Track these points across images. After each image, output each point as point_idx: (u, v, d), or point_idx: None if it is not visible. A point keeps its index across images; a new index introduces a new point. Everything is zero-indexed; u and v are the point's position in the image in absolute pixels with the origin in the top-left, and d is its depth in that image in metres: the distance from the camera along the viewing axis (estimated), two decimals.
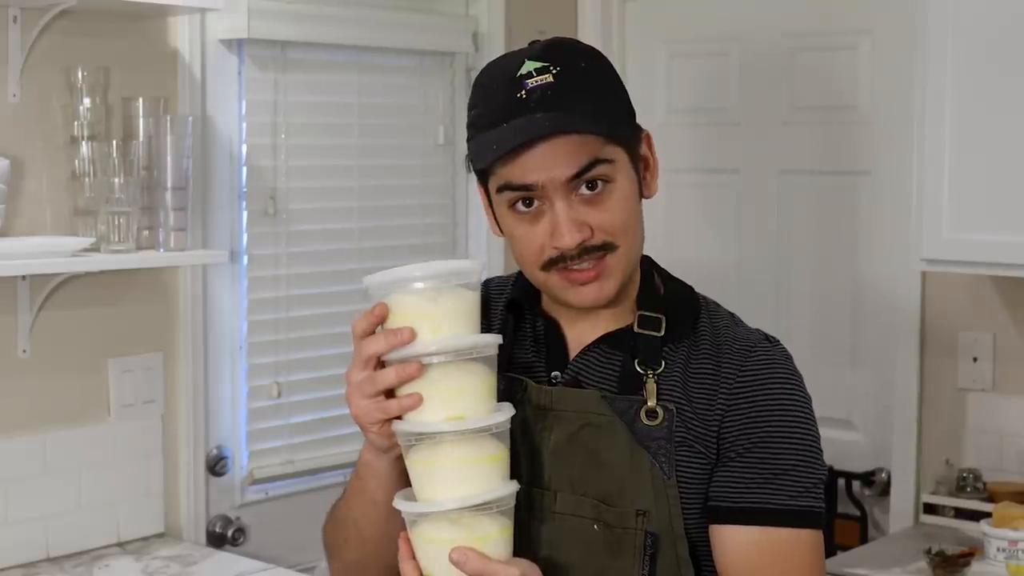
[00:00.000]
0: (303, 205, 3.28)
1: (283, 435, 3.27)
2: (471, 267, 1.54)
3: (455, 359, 1.49)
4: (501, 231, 1.66)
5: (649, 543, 1.57)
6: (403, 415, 1.51)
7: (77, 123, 2.74)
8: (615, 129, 1.58)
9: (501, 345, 1.57)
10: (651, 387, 1.60)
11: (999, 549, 2.83)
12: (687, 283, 1.71)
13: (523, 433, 1.60)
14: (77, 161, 2.74)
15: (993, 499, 3.05)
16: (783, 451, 1.58)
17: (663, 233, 3.69)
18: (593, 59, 1.62)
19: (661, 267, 1.71)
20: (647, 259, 1.69)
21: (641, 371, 1.61)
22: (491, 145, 1.56)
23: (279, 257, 3.24)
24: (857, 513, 3.40)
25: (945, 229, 2.91)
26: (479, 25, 3.60)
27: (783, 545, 1.57)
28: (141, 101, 2.82)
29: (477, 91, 1.65)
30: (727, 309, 1.70)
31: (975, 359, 3.21)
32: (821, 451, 1.62)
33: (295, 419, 3.29)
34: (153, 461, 2.97)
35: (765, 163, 3.62)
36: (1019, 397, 3.17)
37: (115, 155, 2.72)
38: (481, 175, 1.63)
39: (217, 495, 3.13)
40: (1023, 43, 2.80)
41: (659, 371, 1.61)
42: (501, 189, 1.59)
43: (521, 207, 1.58)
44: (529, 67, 1.58)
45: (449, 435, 1.48)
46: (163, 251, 2.80)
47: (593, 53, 1.63)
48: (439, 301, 1.50)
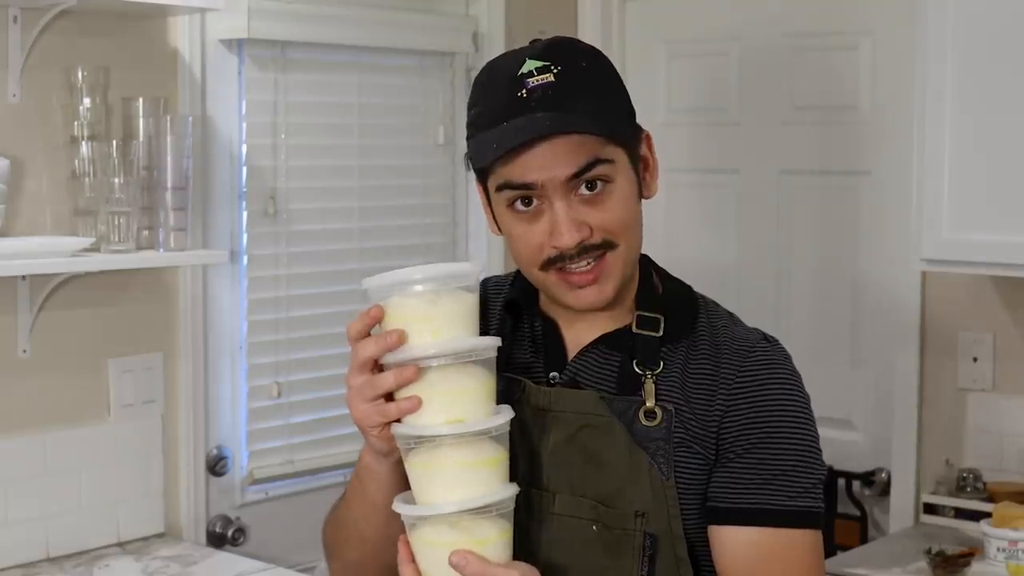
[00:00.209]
0: (303, 205, 3.28)
1: (283, 435, 3.27)
2: (470, 269, 1.54)
3: (454, 362, 1.49)
4: (500, 230, 1.65)
5: (648, 544, 1.57)
6: (402, 418, 1.51)
7: (77, 123, 2.74)
8: (615, 129, 1.58)
9: (499, 347, 1.57)
10: (649, 388, 1.60)
11: (999, 549, 2.83)
12: (686, 283, 1.71)
13: (521, 434, 1.60)
14: (77, 161, 2.74)
15: (993, 499, 3.05)
16: (782, 452, 1.58)
17: (663, 233, 3.69)
18: (594, 59, 1.62)
19: (659, 266, 1.71)
20: (645, 259, 1.69)
21: (639, 372, 1.61)
22: (491, 144, 1.56)
23: (279, 257, 3.24)
24: (857, 513, 3.40)
25: (945, 229, 2.91)
26: (479, 25, 3.60)
27: (782, 546, 1.57)
28: (141, 101, 2.82)
29: (477, 90, 1.65)
30: (726, 308, 1.70)
31: (975, 359, 3.22)
32: (820, 451, 1.62)
33: (295, 419, 3.29)
34: (153, 461, 2.97)
35: (765, 163, 3.62)
36: (1019, 397, 3.17)
37: (115, 155, 2.72)
38: (480, 174, 1.63)
39: (217, 495, 3.13)
40: (1022, 43, 2.80)
41: (657, 371, 1.61)
42: (500, 188, 1.59)
43: (520, 206, 1.58)
44: (530, 66, 1.57)
45: (448, 438, 1.48)
46: (163, 251, 2.80)
47: (594, 53, 1.63)
48: (438, 304, 1.50)
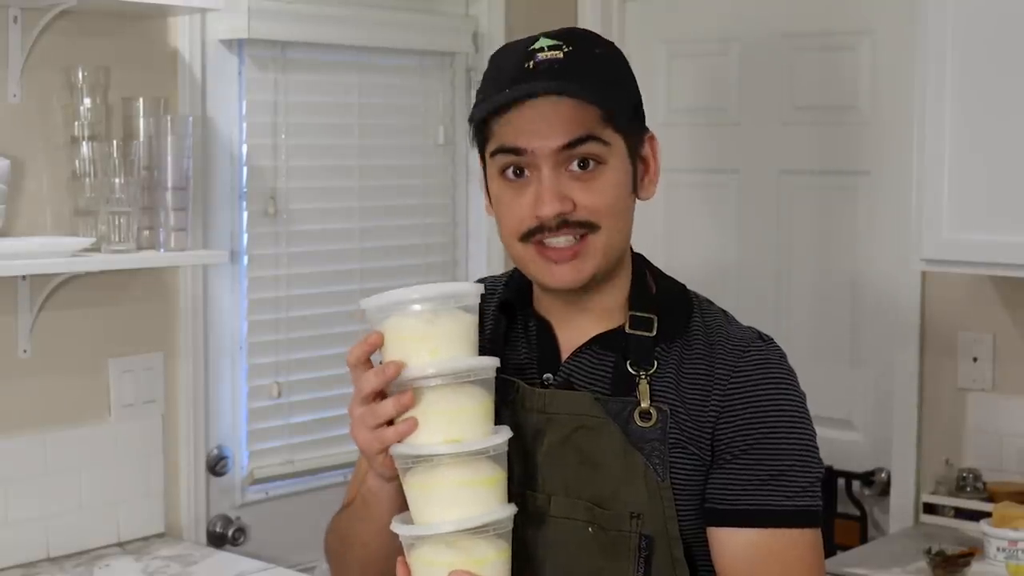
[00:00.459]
0: (303, 205, 3.28)
1: (283, 435, 3.27)
2: (468, 289, 1.54)
3: (452, 382, 1.49)
4: (490, 203, 1.66)
5: (644, 545, 1.57)
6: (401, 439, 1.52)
7: (77, 123, 2.74)
8: (614, 110, 1.58)
9: (492, 344, 1.57)
10: (644, 388, 1.59)
11: (999, 549, 2.83)
12: (679, 281, 1.70)
13: (516, 436, 1.59)
14: (77, 161, 2.74)
15: (993, 499, 3.05)
16: (779, 452, 1.58)
17: (663, 233, 3.70)
18: (608, 48, 1.64)
19: (654, 266, 1.70)
20: (640, 258, 1.69)
21: (633, 372, 1.60)
22: (485, 105, 1.58)
23: (279, 257, 3.24)
24: (857, 513, 3.40)
25: (945, 229, 2.91)
26: (479, 25, 3.60)
27: (782, 546, 1.57)
28: (141, 101, 2.82)
29: (490, 65, 1.66)
30: (720, 307, 1.69)
31: (975, 359, 3.22)
32: (817, 448, 1.62)
33: (295, 419, 3.29)
34: (153, 461, 2.98)
35: (765, 163, 3.62)
36: (1019, 397, 3.17)
37: (115, 155, 2.72)
38: (481, 142, 1.63)
39: (217, 495, 3.13)
40: (1021, 43, 2.81)
41: (651, 371, 1.60)
42: (494, 153, 1.59)
43: (511, 175, 1.59)
44: (543, 43, 1.59)
45: (446, 458, 1.48)
46: (163, 251, 2.80)
47: (610, 44, 1.65)
48: (436, 323, 1.50)
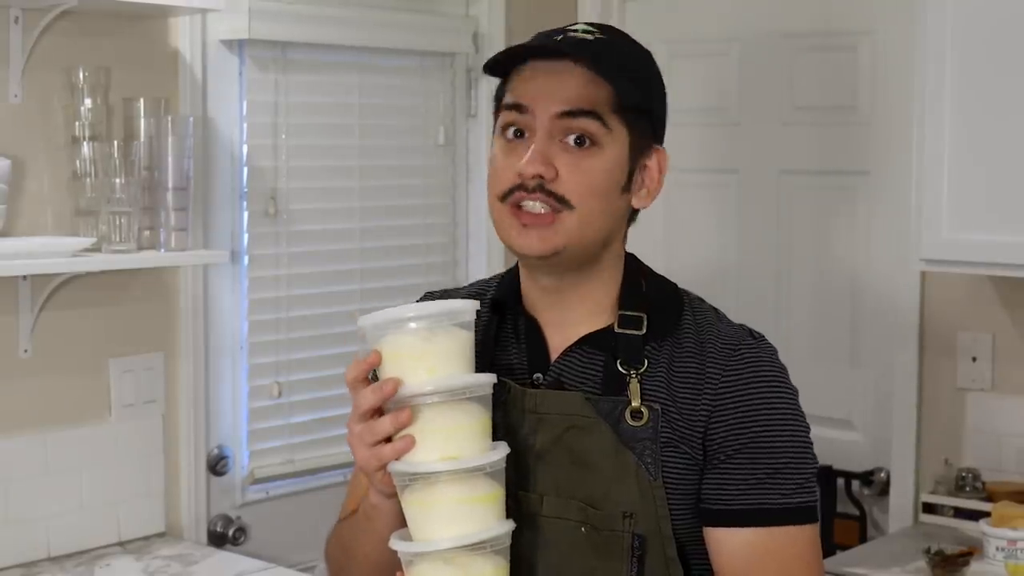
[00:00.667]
0: (304, 205, 3.29)
1: (284, 435, 3.28)
2: (465, 307, 1.54)
3: (450, 399, 1.50)
4: None
5: (637, 545, 1.57)
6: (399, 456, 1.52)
7: (78, 123, 2.74)
8: (625, 95, 1.59)
9: (482, 341, 1.58)
10: (635, 387, 1.59)
11: (998, 548, 2.84)
12: (670, 280, 1.70)
13: (508, 437, 1.60)
14: (78, 161, 2.74)
15: (992, 499, 3.05)
16: (774, 450, 1.58)
17: (663, 233, 3.70)
18: (639, 51, 1.65)
19: (644, 265, 1.70)
20: (631, 258, 1.69)
21: (624, 371, 1.60)
22: (505, 52, 1.61)
23: (280, 257, 3.25)
24: (856, 512, 3.40)
25: (944, 229, 2.92)
26: (479, 26, 3.61)
27: (780, 543, 1.58)
28: (142, 101, 2.82)
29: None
30: (710, 305, 1.69)
31: (974, 359, 3.22)
32: (811, 443, 1.62)
33: (296, 419, 3.29)
34: (154, 461, 2.98)
35: (765, 163, 3.62)
36: (1018, 397, 3.17)
37: (116, 155, 2.73)
38: (496, 107, 1.65)
39: (218, 494, 3.13)
40: (1021, 44, 2.81)
41: (642, 370, 1.60)
42: (502, 108, 1.62)
43: (511, 134, 1.60)
44: (579, 26, 1.62)
45: (444, 475, 1.49)
46: (164, 251, 2.80)
47: (645, 52, 1.66)
48: (433, 341, 1.50)
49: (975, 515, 3.02)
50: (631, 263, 1.68)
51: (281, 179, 3.23)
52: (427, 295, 1.81)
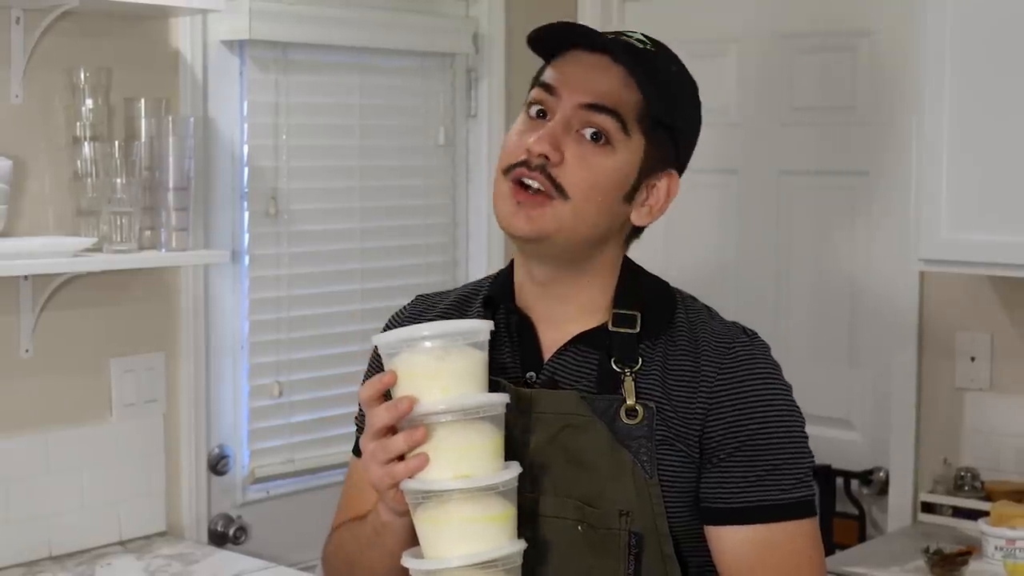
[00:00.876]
0: (304, 205, 3.29)
1: (284, 434, 3.28)
2: (479, 326, 1.55)
3: (463, 418, 1.50)
4: None
5: (633, 543, 1.58)
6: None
7: (79, 124, 2.75)
8: (653, 111, 1.60)
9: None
10: (629, 385, 1.60)
11: (997, 548, 2.84)
12: (662, 279, 1.70)
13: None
14: (79, 162, 2.74)
15: (991, 498, 3.06)
16: (772, 447, 1.59)
17: (663, 233, 3.70)
18: (686, 78, 1.66)
19: (637, 265, 1.70)
20: (626, 260, 1.69)
21: (618, 369, 1.61)
22: (547, 26, 1.62)
23: (280, 257, 3.25)
24: (855, 512, 3.40)
25: (943, 229, 2.92)
26: (479, 26, 3.61)
27: (781, 539, 1.59)
28: (143, 102, 2.83)
29: None
30: (702, 303, 1.70)
31: (973, 359, 3.23)
32: (807, 438, 1.63)
33: (296, 418, 3.30)
34: (155, 460, 2.98)
35: (764, 163, 3.63)
36: (1016, 397, 3.18)
37: (117, 156, 2.73)
38: (532, 83, 1.66)
39: (218, 494, 3.14)
40: (1020, 44, 2.82)
41: (636, 368, 1.60)
42: (535, 84, 1.64)
43: (534, 112, 1.62)
44: (633, 32, 1.64)
45: (456, 493, 1.49)
46: (165, 251, 2.81)
47: (690, 80, 1.67)
48: (447, 360, 1.51)
49: (974, 514, 3.03)
50: (626, 265, 1.68)
51: (282, 179, 3.24)
52: (419, 297, 1.81)
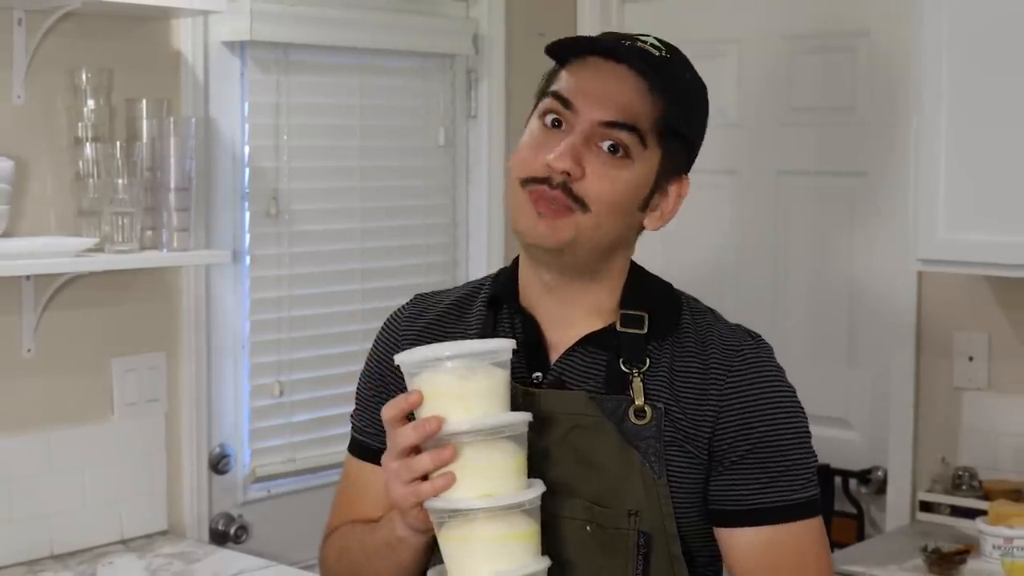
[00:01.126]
0: (305, 206, 3.30)
1: (285, 433, 3.29)
2: (503, 346, 1.55)
3: (487, 437, 1.51)
4: None
5: (642, 543, 1.59)
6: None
7: (81, 124, 2.75)
8: (671, 123, 1.61)
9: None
10: (638, 386, 1.60)
11: (994, 546, 2.86)
12: (665, 280, 1.71)
13: None
14: (81, 162, 2.75)
15: (988, 497, 3.07)
16: (782, 449, 1.60)
17: (662, 233, 3.66)
18: (698, 83, 1.67)
19: (639, 265, 1.71)
20: (631, 261, 1.70)
21: (626, 370, 1.61)
22: (585, 49, 1.62)
23: (281, 257, 3.26)
24: (854, 511, 3.42)
25: (941, 229, 2.93)
26: (479, 27, 3.62)
27: (792, 538, 1.61)
28: (145, 103, 2.83)
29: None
30: (706, 305, 1.71)
31: (970, 358, 3.24)
32: (811, 437, 1.65)
33: (297, 417, 3.31)
34: (156, 459, 2.99)
35: (763, 164, 3.64)
36: (1014, 396, 3.19)
37: (119, 156, 2.74)
38: (542, 88, 1.66)
39: (220, 493, 3.15)
40: (1017, 45, 2.83)
41: (644, 369, 1.61)
42: (548, 94, 1.63)
43: (549, 122, 1.62)
44: (648, 38, 1.64)
45: (481, 512, 1.50)
46: (166, 251, 2.81)
47: (701, 84, 1.68)
48: (471, 380, 1.51)
49: (972, 513, 3.04)
50: (630, 264, 1.70)
51: (282, 180, 3.25)
52: (418, 297, 1.81)
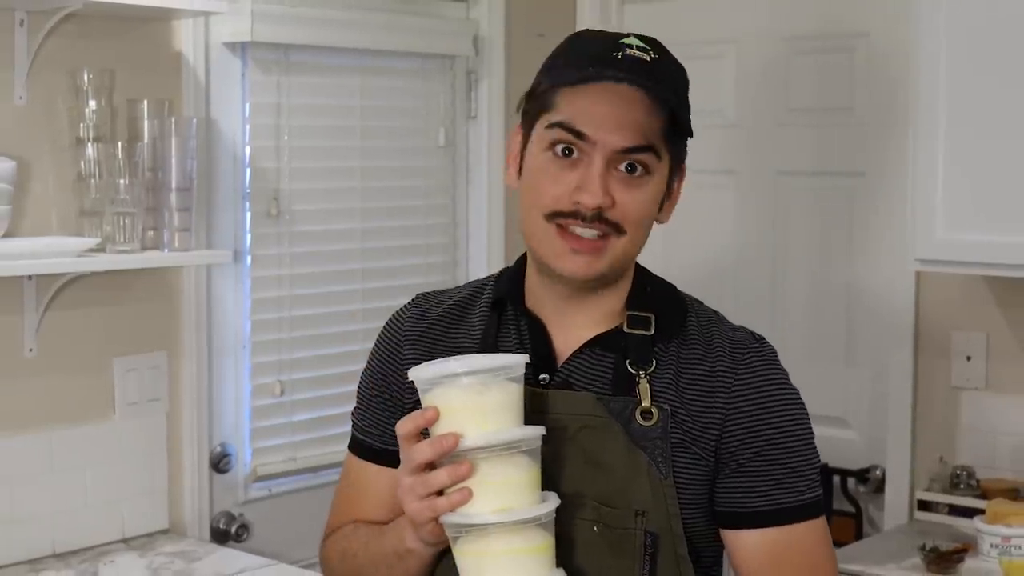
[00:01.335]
0: (306, 206, 3.31)
1: (286, 433, 3.30)
2: (517, 360, 1.55)
3: (502, 452, 1.51)
4: (519, 175, 1.66)
5: (649, 543, 1.59)
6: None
7: (83, 125, 2.76)
8: (682, 127, 1.61)
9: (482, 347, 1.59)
10: (644, 387, 1.61)
11: (992, 545, 2.86)
12: (668, 281, 1.72)
13: None
14: (83, 163, 2.75)
15: (986, 496, 3.08)
16: (789, 451, 1.62)
17: (661, 233, 3.67)
18: (683, 71, 1.65)
19: (643, 267, 1.72)
20: (636, 264, 1.70)
21: (633, 371, 1.62)
22: (572, 73, 1.57)
23: (282, 257, 3.27)
24: (852, 510, 3.43)
25: (939, 230, 2.94)
26: (479, 28, 3.63)
27: (798, 537, 1.62)
28: (146, 103, 2.84)
29: (571, 42, 1.66)
30: (710, 307, 1.72)
31: (968, 358, 3.24)
32: (814, 437, 1.66)
33: (297, 417, 3.32)
34: (157, 458, 3.00)
35: (762, 164, 3.65)
36: (1012, 395, 3.20)
37: (120, 156, 2.74)
38: (534, 109, 1.63)
39: (221, 492, 3.16)
40: (1015, 46, 2.83)
41: (651, 371, 1.62)
42: (553, 125, 1.59)
43: (560, 151, 1.59)
44: (632, 41, 1.60)
45: (497, 526, 1.51)
46: (167, 251, 2.82)
47: (683, 70, 1.66)
48: (486, 395, 1.52)
49: (970, 512, 3.05)
50: (636, 268, 1.70)
51: (283, 180, 3.26)
52: (420, 296, 1.81)
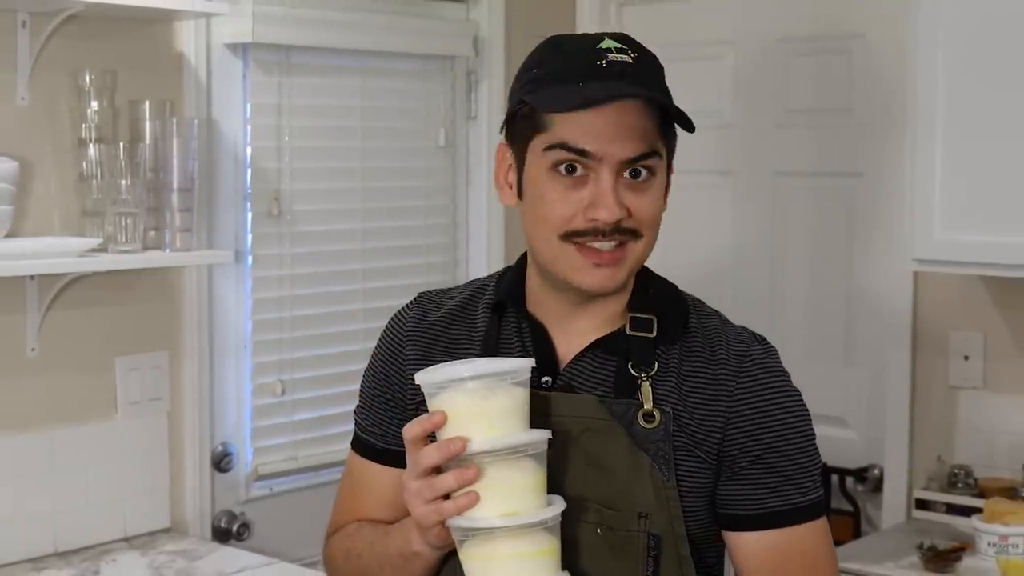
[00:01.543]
0: (307, 206, 3.32)
1: (287, 432, 3.31)
2: (523, 365, 1.55)
3: (508, 456, 1.52)
4: (519, 196, 1.64)
5: (652, 545, 1.60)
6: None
7: (85, 126, 2.77)
8: (674, 120, 1.62)
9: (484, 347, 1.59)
10: (646, 390, 1.61)
11: (990, 544, 2.87)
12: (670, 282, 1.73)
13: None
14: (85, 163, 2.76)
15: (984, 495, 3.08)
16: (791, 453, 1.62)
17: (660, 233, 3.72)
18: (655, 57, 1.65)
19: (646, 267, 1.72)
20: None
21: (635, 374, 1.62)
22: (569, 97, 1.54)
23: (283, 257, 3.28)
24: (850, 509, 3.44)
25: (937, 230, 2.95)
26: (479, 29, 3.64)
27: (800, 538, 1.63)
28: (147, 104, 2.84)
29: (547, 51, 1.64)
30: (711, 308, 1.72)
31: (966, 358, 3.25)
32: (815, 438, 1.66)
33: (299, 416, 3.33)
34: (159, 458, 3.01)
35: (760, 165, 3.65)
36: (1009, 395, 3.20)
37: (122, 157, 2.75)
38: (525, 130, 1.61)
39: (222, 491, 3.17)
40: (1011, 47, 2.84)
41: (653, 373, 1.62)
42: (551, 147, 1.58)
43: (563, 171, 1.58)
44: (609, 44, 1.59)
45: (503, 530, 1.51)
46: (169, 251, 2.83)
47: (654, 55, 1.66)
48: (492, 399, 1.52)
49: (967, 511, 3.06)
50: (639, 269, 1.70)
51: (284, 180, 3.27)
52: (421, 296, 1.81)
